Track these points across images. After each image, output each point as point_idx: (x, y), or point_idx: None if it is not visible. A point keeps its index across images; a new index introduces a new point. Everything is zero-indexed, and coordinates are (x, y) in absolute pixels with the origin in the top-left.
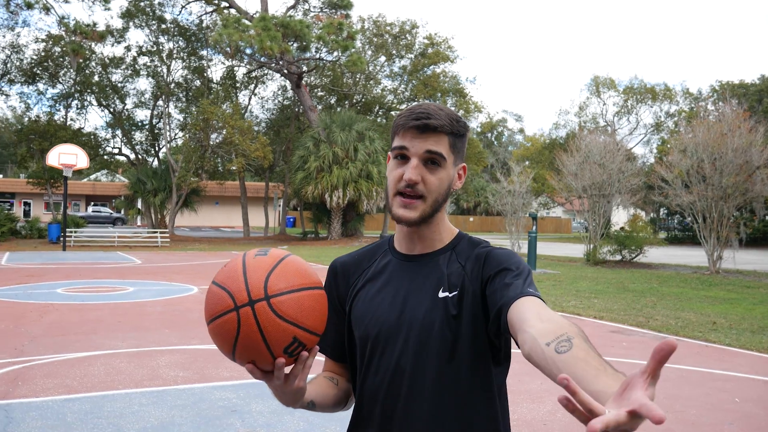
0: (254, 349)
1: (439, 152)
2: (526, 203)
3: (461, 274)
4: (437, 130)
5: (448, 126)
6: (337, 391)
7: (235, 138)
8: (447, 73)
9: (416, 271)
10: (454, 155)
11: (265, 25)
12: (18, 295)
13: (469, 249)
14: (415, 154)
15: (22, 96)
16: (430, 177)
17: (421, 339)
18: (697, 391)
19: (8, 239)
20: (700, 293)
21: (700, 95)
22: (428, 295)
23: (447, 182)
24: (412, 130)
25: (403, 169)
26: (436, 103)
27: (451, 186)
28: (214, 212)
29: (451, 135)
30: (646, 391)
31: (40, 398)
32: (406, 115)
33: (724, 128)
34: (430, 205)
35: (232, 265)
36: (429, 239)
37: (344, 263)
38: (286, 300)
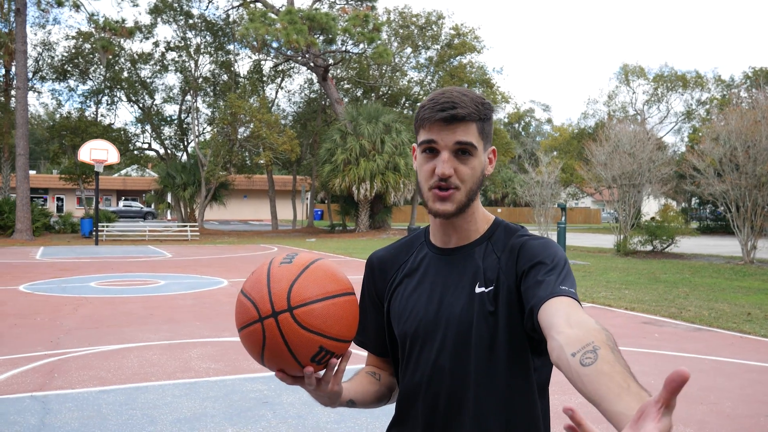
0: (281, 359)
1: (469, 142)
2: (554, 194)
3: (497, 268)
4: (465, 119)
5: (476, 113)
6: (378, 386)
7: (263, 132)
8: (474, 63)
9: (452, 265)
10: (484, 141)
11: (292, 19)
12: (53, 288)
13: (505, 238)
14: (445, 147)
15: (53, 93)
16: (463, 167)
17: (460, 336)
18: (732, 383)
19: (42, 234)
20: (733, 283)
21: (732, 82)
22: (465, 291)
23: (480, 169)
24: (439, 123)
25: (434, 163)
26: (458, 87)
27: (483, 172)
28: (242, 206)
29: (479, 121)
30: (659, 422)
31: (75, 390)
32: (430, 106)
33: (757, 115)
34: (465, 194)
35: (258, 274)
36: (464, 230)
37: (381, 258)
38: (311, 310)
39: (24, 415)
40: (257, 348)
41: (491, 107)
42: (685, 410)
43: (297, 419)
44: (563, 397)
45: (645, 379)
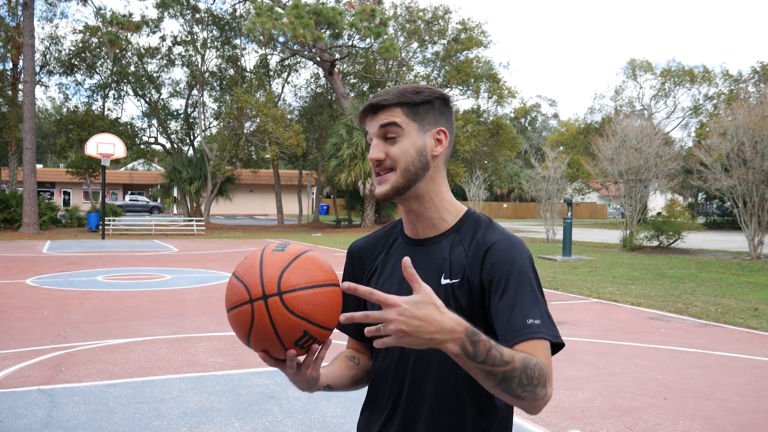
0: (267, 340)
1: (391, 122)
2: (560, 189)
3: (464, 262)
4: (385, 106)
5: (396, 98)
6: (356, 371)
7: (269, 126)
8: (480, 58)
9: (420, 256)
10: (417, 122)
11: (298, 13)
12: (60, 282)
13: (473, 230)
14: (373, 134)
15: (60, 87)
16: (392, 149)
17: None
18: (740, 378)
19: (49, 228)
20: (740, 279)
21: (740, 77)
22: (431, 282)
23: (415, 149)
24: (366, 115)
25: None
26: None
27: (426, 152)
28: (248, 200)
29: (404, 105)
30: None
31: (82, 383)
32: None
33: (765, 110)
34: (400, 174)
35: (251, 259)
36: (428, 219)
37: (360, 248)
38: (299, 296)
39: (31, 408)
40: (245, 328)
41: (431, 93)
42: (691, 405)
43: (303, 413)
44: (569, 392)
45: (651, 374)
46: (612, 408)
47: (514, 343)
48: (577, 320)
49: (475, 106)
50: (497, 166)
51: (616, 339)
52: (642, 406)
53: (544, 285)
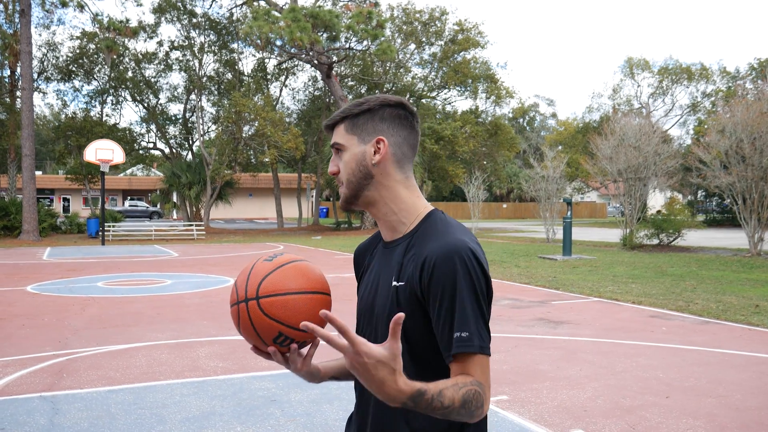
0: (251, 336)
1: (335, 142)
2: (560, 188)
3: (411, 266)
4: (334, 125)
5: (340, 115)
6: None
7: (267, 130)
8: (477, 59)
9: (386, 258)
10: (356, 135)
11: (295, 16)
12: (60, 289)
13: (427, 234)
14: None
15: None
16: (339, 163)
17: (378, 327)
18: (742, 375)
19: (49, 234)
20: (741, 276)
21: (738, 74)
22: (387, 284)
23: (354, 161)
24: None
25: None
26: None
27: (365, 161)
28: (248, 204)
29: (346, 120)
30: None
31: (84, 390)
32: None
33: (763, 107)
34: (345, 186)
35: (246, 267)
36: (388, 222)
37: (359, 249)
38: (272, 302)
39: (33, 415)
40: (235, 324)
41: (369, 102)
42: (694, 403)
43: (305, 417)
44: (572, 392)
45: (653, 372)
46: (614, 407)
47: (451, 360)
48: (579, 319)
49: (473, 106)
50: (496, 167)
51: (617, 338)
52: (644, 404)
53: (545, 285)
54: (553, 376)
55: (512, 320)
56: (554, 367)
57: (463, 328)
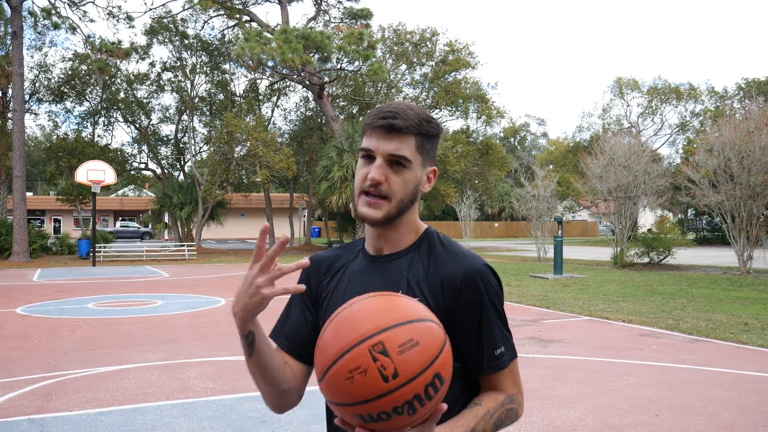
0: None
1: (403, 155)
2: (551, 207)
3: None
4: (403, 131)
5: (415, 127)
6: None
7: (259, 150)
8: (468, 79)
9: (378, 272)
10: (422, 156)
11: (287, 38)
12: (50, 310)
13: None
14: (381, 153)
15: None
16: (395, 178)
17: None
18: (731, 394)
19: (39, 256)
20: (730, 294)
21: (725, 93)
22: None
23: (413, 183)
24: (379, 130)
25: (368, 169)
26: (409, 103)
27: (418, 188)
28: (239, 224)
29: (419, 136)
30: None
31: (73, 412)
32: (374, 114)
33: (750, 126)
34: (395, 206)
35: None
36: (394, 240)
37: (320, 259)
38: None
39: None
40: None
41: (438, 127)
42: (683, 421)
43: None
44: (561, 411)
45: (642, 391)
46: (604, 426)
47: (485, 375)
48: (569, 338)
49: (464, 126)
50: (487, 186)
51: (607, 356)
52: (634, 423)
53: (536, 303)
54: (544, 395)
55: None
56: (544, 386)
57: (495, 345)
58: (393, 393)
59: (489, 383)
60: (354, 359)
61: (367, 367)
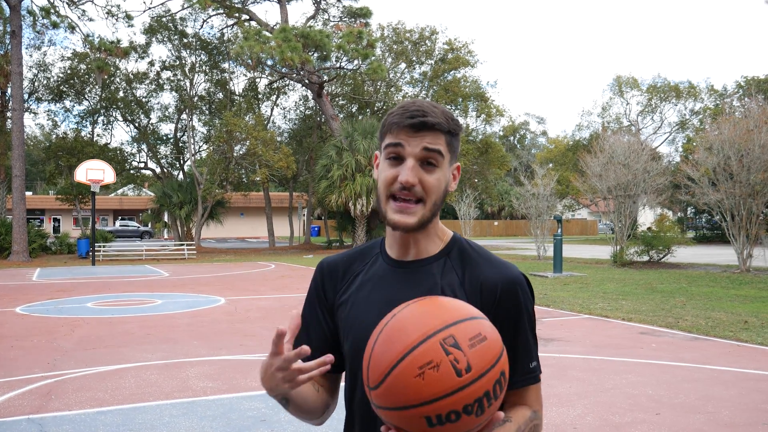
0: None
1: (438, 149)
2: (550, 206)
3: (459, 288)
4: (434, 128)
5: (445, 124)
6: (316, 397)
7: (259, 149)
8: (468, 77)
9: (407, 278)
10: (450, 154)
11: (286, 36)
12: (49, 310)
13: (464, 256)
14: (411, 153)
15: (49, 114)
16: (428, 178)
17: None
18: (730, 392)
19: (39, 255)
20: (730, 292)
21: (725, 92)
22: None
23: (444, 183)
24: (407, 129)
25: (398, 170)
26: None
27: (447, 186)
28: (239, 223)
29: (447, 134)
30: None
31: (73, 411)
32: (400, 113)
33: (750, 124)
34: (429, 209)
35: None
36: (423, 244)
37: (333, 264)
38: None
39: None
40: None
41: (460, 125)
42: (683, 420)
43: None
44: (561, 409)
45: (642, 389)
46: (604, 424)
47: (516, 389)
48: (569, 336)
49: (463, 125)
50: (487, 185)
51: (607, 355)
52: (634, 421)
53: (536, 302)
54: (543, 393)
55: None
56: (544, 385)
57: (530, 358)
58: (466, 389)
59: (517, 397)
60: (424, 354)
61: (440, 361)
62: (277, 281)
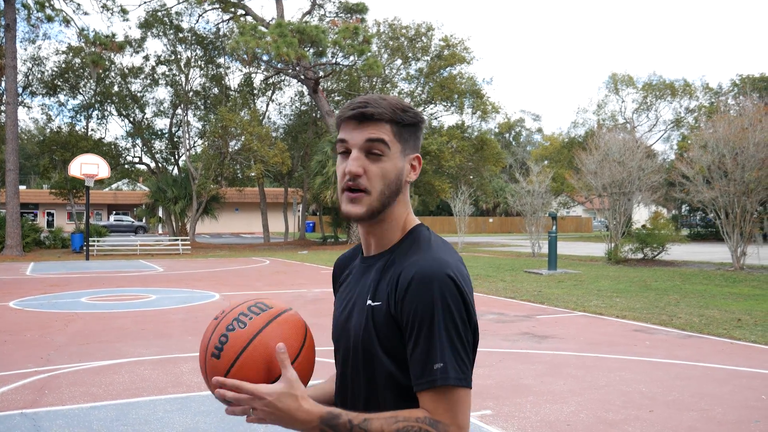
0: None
1: (380, 138)
2: (545, 203)
3: (390, 286)
4: (375, 118)
5: (389, 114)
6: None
7: (254, 144)
8: (463, 74)
9: (363, 274)
10: (401, 144)
11: (282, 32)
12: (43, 304)
13: (407, 251)
14: (355, 144)
15: (43, 108)
16: (373, 167)
17: (351, 349)
18: (723, 389)
19: (32, 249)
20: (724, 290)
21: (720, 90)
22: (362, 302)
23: (394, 173)
24: (351, 121)
25: (346, 163)
26: (383, 95)
27: (401, 177)
28: (234, 219)
29: (394, 123)
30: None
31: (66, 406)
32: (345, 106)
33: (745, 122)
34: (376, 198)
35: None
36: (381, 238)
37: (339, 261)
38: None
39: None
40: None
41: (416, 116)
42: (676, 417)
43: None
44: (555, 406)
45: (636, 386)
46: (597, 421)
47: (418, 391)
48: (563, 334)
49: (459, 121)
50: (482, 181)
51: (601, 352)
52: (627, 418)
53: (530, 299)
54: (537, 390)
55: (497, 334)
56: (538, 382)
57: (434, 359)
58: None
59: (423, 404)
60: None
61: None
62: (271, 277)
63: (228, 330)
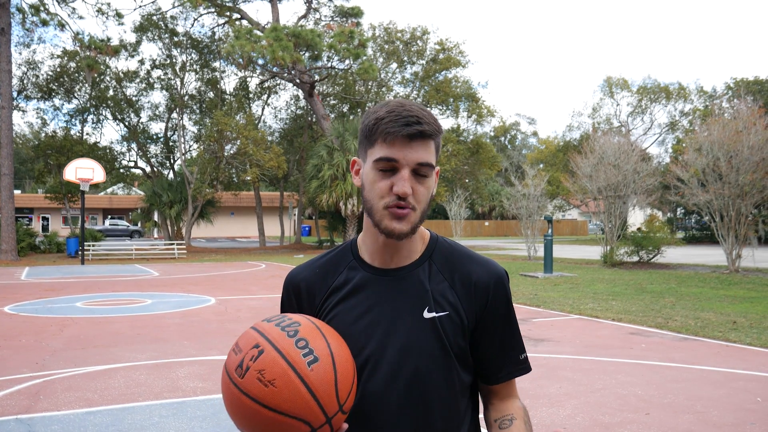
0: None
1: (430, 163)
2: (541, 206)
3: (450, 295)
4: (428, 137)
5: (437, 130)
6: None
7: (249, 148)
8: (459, 78)
9: (395, 287)
10: (436, 159)
11: (277, 36)
12: (38, 309)
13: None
14: (406, 165)
15: (38, 112)
16: (419, 187)
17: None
18: (719, 392)
19: (27, 254)
20: (719, 292)
21: (714, 93)
22: (411, 315)
23: (432, 189)
24: (403, 139)
25: (392, 181)
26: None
27: (432, 191)
28: (229, 223)
29: (436, 137)
30: None
31: (61, 412)
32: (392, 119)
33: (739, 125)
34: (419, 216)
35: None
36: (406, 249)
37: (306, 279)
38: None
39: None
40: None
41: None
42: (672, 420)
43: None
44: (551, 409)
45: (631, 389)
46: (594, 424)
47: (505, 381)
48: (559, 337)
49: (454, 125)
50: (478, 185)
51: (597, 355)
52: (623, 421)
53: (526, 302)
54: (534, 393)
55: None
56: (534, 385)
57: (521, 350)
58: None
59: (509, 388)
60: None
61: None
62: (267, 281)
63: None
